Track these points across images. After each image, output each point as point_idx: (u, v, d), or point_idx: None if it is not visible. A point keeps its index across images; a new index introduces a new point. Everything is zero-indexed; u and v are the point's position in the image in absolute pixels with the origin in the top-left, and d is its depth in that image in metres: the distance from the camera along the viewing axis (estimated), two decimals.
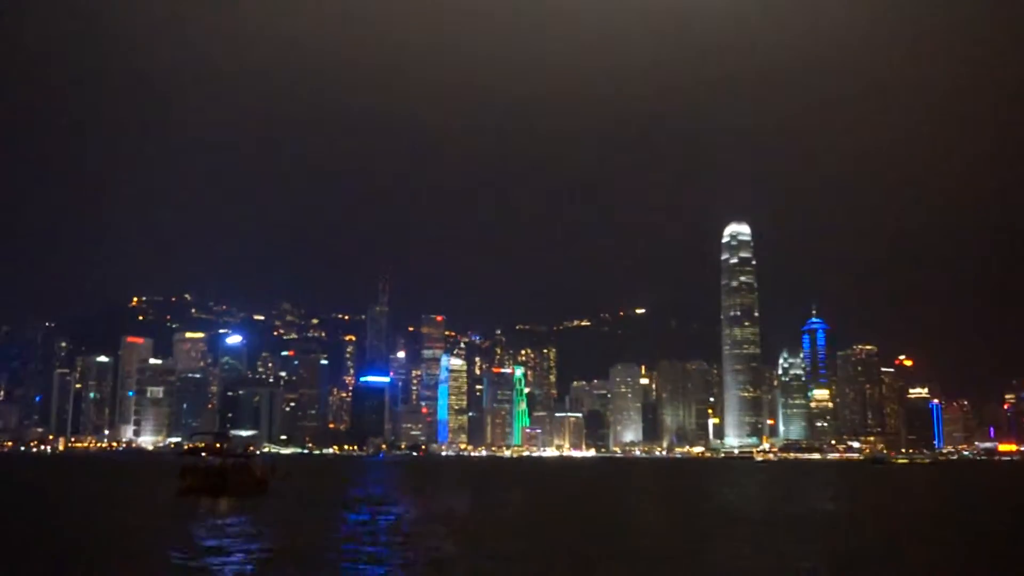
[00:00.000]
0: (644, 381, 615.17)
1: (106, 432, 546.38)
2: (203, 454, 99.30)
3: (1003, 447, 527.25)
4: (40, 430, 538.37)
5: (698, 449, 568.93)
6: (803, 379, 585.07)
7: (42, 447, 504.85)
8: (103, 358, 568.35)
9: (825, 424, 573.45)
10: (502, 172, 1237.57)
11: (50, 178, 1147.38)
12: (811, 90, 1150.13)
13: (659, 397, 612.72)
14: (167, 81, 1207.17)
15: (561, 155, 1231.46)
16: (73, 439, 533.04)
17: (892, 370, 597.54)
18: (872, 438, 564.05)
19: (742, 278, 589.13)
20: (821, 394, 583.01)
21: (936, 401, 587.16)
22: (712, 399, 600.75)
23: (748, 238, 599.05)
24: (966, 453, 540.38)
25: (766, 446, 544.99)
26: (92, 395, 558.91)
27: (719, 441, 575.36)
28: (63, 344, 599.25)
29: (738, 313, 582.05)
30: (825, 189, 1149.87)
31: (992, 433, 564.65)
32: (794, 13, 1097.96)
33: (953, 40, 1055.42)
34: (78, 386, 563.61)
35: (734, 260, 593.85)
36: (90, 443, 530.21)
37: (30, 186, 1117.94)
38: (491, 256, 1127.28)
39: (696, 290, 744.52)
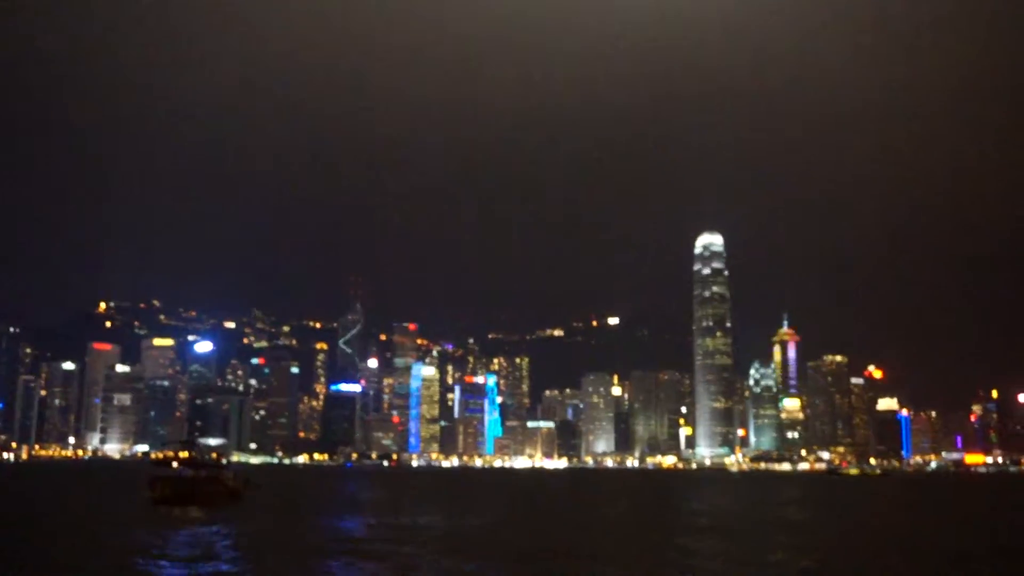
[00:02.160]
0: (616, 391, 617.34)
1: (71, 440, 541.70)
2: (173, 464, 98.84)
3: (970, 458, 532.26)
4: (3, 438, 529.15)
5: (670, 459, 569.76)
6: (774, 390, 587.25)
7: (5, 455, 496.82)
8: (69, 365, 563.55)
9: (796, 435, 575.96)
10: (476, 182, 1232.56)
11: (14, 181, 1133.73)
12: (785, 105, 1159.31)
13: (631, 407, 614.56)
14: (135, 85, 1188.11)
15: (535, 165, 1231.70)
16: (37, 447, 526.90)
17: (862, 381, 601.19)
18: (842, 449, 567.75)
19: (714, 288, 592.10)
20: (792, 404, 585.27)
21: (905, 412, 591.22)
22: (684, 409, 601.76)
23: (721, 249, 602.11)
24: (933, 464, 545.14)
25: (738, 457, 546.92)
26: (57, 402, 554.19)
27: (691, 451, 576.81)
28: (28, 350, 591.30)
29: (710, 324, 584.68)
30: (797, 201, 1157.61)
31: (959, 443, 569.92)
32: (771, 30, 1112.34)
33: (937, 61, 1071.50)
34: (43, 393, 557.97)
35: (707, 271, 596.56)
36: (55, 451, 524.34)
37: None
38: (464, 265, 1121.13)
39: (669, 301, 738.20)
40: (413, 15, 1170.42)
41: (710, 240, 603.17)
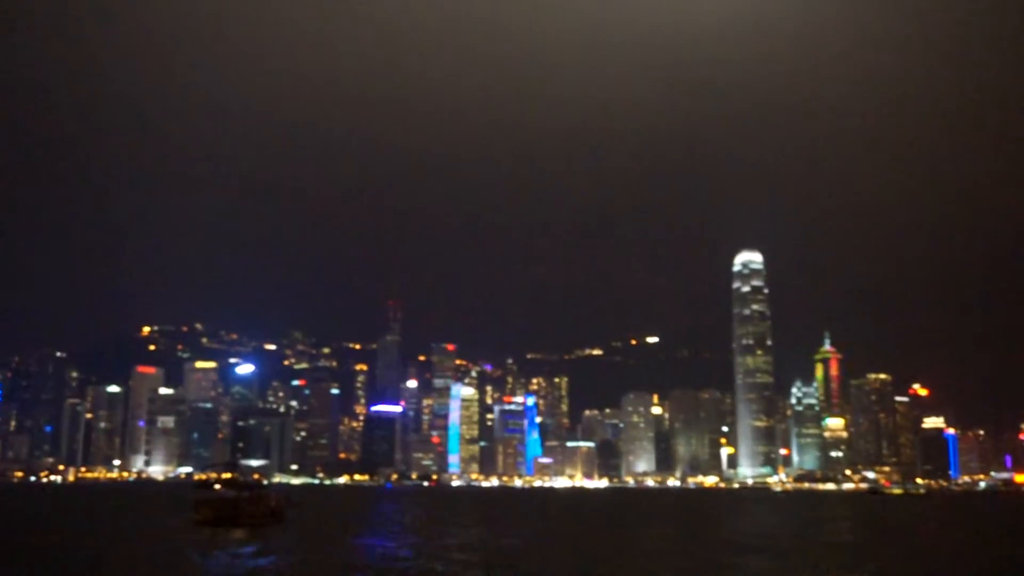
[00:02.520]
0: (657, 410, 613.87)
1: (116, 462, 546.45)
2: (216, 486, 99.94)
3: (1020, 477, 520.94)
4: (51, 460, 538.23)
5: (711, 479, 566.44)
6: (816, 408, 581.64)
7: (52, 477, 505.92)
8: (114, 388, 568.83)
9: (840, 454, 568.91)
10: (514, 202, 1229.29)
11: (59, 207, 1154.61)
12: (828, 122, 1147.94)
13: (672, 426, 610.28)
14: (167, 111, 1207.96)
15: (573, 185, 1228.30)
16: (83, 469, 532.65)
17: (906, 399, 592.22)
18: (887, 468, 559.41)
19: (754, 306, 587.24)
20: (835, 423, 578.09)
21: (951, 431, 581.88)
22: (725, 428, 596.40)
23: (760, 266, 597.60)
24: (983, 484, 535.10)
25: (781, 476, 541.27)
26: (102, 425, 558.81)
27: (732, 471, 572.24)
28: (74, 374, 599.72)
29: (751, 342, 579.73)
30: (838, 218, 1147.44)
31: (1009, 463, 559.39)
32: (813, 48, 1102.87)
33: (975, 74, 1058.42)
34: (89, 416, 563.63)
35: (746, 288, 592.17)
36: (100, 473, 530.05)
37: (39, 215, 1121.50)
38: (503, 285, 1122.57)
39: (708, 319, 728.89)
40: (457, 36, 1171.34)
41: (749, 258, 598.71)
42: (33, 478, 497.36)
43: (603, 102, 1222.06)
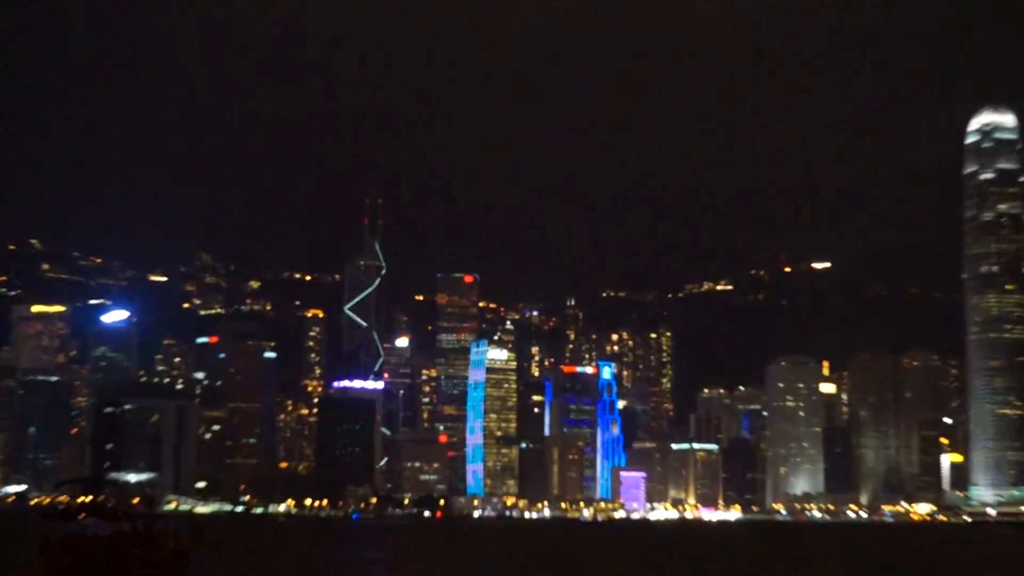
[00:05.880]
0: (827, 388, 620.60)
1: None
2: (80, 515, 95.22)
3: None
4: None
5: (923, 507, 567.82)
6: None
7: None
8: None
9: None
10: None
11: None
12: None
13: (854, 416, 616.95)
14: None
15: None
16: None
17: None
18: None
19: (1002, 206, 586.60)
20: None
21: None
22: (948, 420, 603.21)
23: (1013, 135, 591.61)
24: None
25: None
26: None
27: (960, 494, 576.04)
28: None
29: (994, 269, 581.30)
30: None
31: None
32: None
33: None
34: None
35: (987, 174, 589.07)
36: None
37: None
38: (553, 177, 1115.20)
39: (918, 230, 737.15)
40: None
41: (995, 121, 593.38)
42: None
43: None
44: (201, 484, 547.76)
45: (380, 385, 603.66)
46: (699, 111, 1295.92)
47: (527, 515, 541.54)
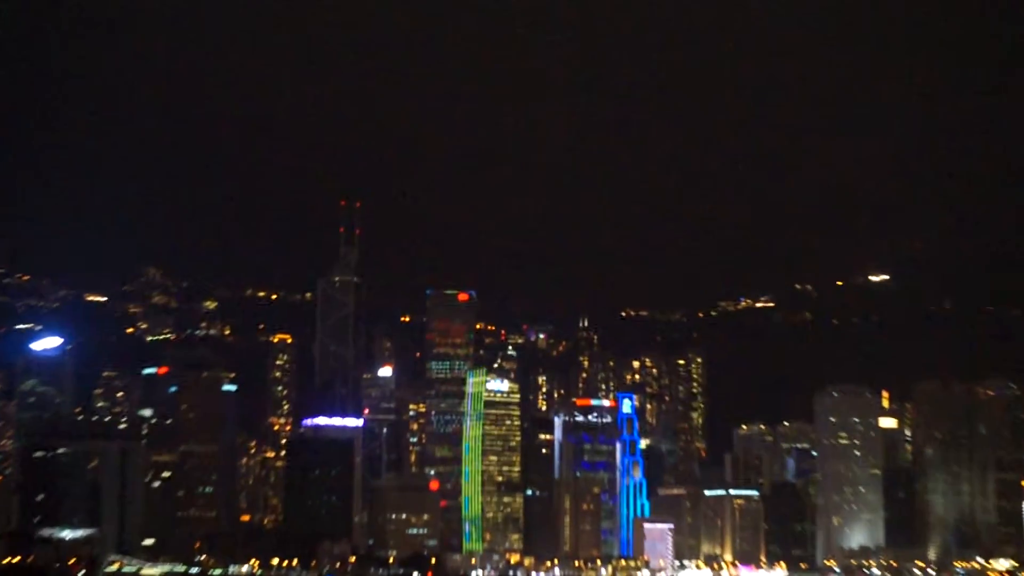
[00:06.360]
0: (888, 423, 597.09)
1: None
2: None
3: None
4: None
5: (1004, 563, 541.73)
6: None
7: None
8: None
9: None
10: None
11: None
12: None
13: (919, 455, 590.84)
14: None
15: None
16: None
17: None
18: None
19: None
20: None
21: None
22: None
23: None
24: None
25: None
26: None
27: None
28: None
29: None
30: None
31: None
32: None
33: None
34: None
35: None
36: None
37: None
38: (564, 176, 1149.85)
39: (991, 240, 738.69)
40: None
41: None
42: None
43: None
44: (149, 541, 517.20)
45: (359, 423, 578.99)
46: (733, 95, 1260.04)
47: (534, 575, 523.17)
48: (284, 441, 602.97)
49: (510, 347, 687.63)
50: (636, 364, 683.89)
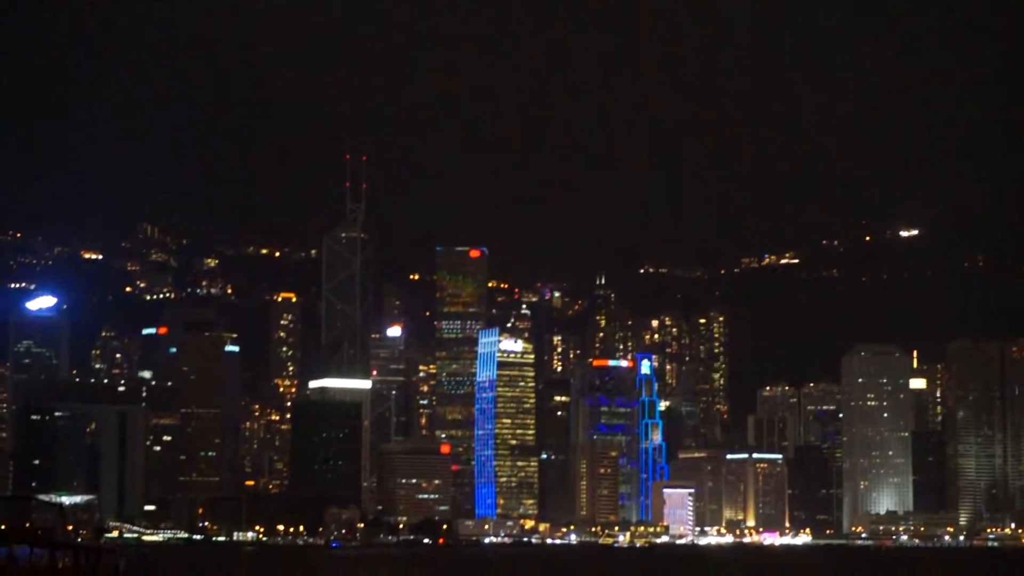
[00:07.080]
0: (917, 383, 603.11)
1: None
2: (9, 546, 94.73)
3: None
4: None
5: None
6: None
7: None
8: None
9: None
10: None
11: None
12: None
13: (950, 417, 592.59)
14: None
15: None
16: None
17: None
18: None
19: None
20: None
21: None
22: None
23: None
24: None
25: None
26: None
27: None
28: None
29: None
30: None
31: None
32: None
33: None
34: None
35: None
36: None
37: None
38: (579, 128, 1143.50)
39: None
40: None
41: None
42: None
43: None
44: (150, 507, 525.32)
45: (368, 384, 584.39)
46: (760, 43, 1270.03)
47: (549, 541, 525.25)
48: (289, 404, 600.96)
49: (524, 306, 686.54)
50: (655, 323, 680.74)
